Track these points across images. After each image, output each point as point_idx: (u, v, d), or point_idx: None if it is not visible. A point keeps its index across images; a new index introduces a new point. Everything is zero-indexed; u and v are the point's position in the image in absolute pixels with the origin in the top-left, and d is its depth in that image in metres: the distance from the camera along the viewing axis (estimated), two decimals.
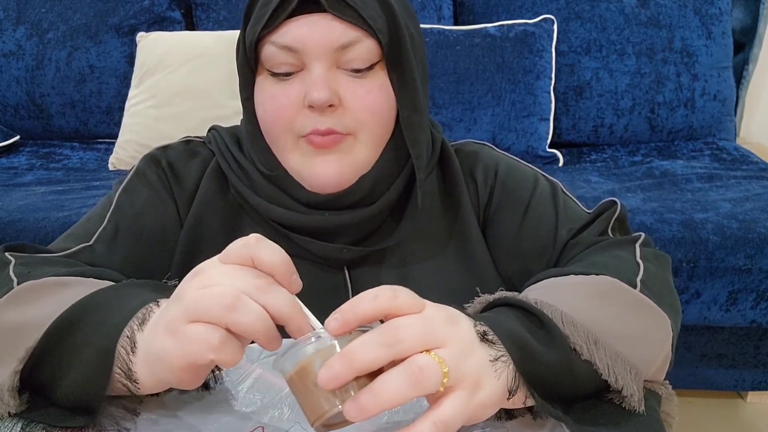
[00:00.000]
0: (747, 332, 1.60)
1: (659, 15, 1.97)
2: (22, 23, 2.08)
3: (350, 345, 0.42)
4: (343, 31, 0.62)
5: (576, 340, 0.49)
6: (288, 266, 0.46)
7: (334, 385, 0.41)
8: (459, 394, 0.43)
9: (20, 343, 0.50)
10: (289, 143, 0.66)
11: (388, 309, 0.43)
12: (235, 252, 0.46)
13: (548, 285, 0.60)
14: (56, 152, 2.06)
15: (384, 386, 0.41)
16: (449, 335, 0.44)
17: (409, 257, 0.73)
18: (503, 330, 0.47)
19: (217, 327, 0.44)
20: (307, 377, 0.43)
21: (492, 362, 0.45)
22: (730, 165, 1.85)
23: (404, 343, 0.42)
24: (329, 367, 0.41)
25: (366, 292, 0.44)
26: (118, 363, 0.48)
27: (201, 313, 0.44)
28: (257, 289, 0.45)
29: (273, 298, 0.45)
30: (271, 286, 0.45)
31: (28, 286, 0.57)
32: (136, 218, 0.71)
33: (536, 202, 0.74)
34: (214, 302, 0.44)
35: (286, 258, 0.46)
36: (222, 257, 0.47)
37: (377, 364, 0.41)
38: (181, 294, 0.46)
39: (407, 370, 0.41)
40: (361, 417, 0.41)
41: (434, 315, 0.44)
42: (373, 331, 0.42)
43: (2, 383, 0.49)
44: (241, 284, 0.44)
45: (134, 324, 0.48)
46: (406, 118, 0.67)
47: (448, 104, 1.91)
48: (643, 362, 0.53)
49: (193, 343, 0.44)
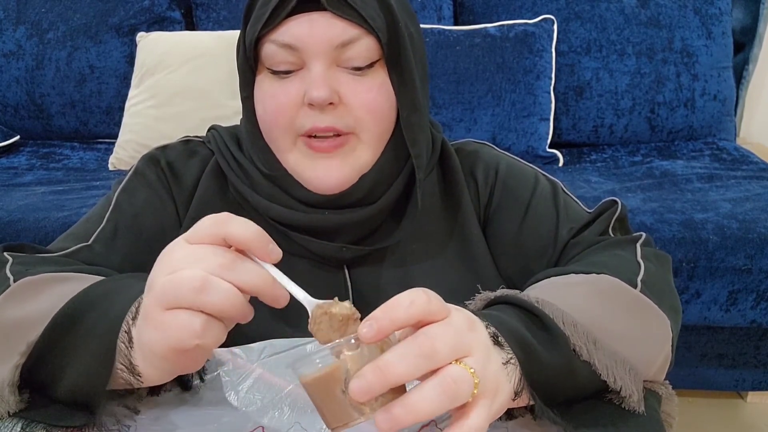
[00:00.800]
0: (747, 332, 1.60)
1: (659, 15, 1.97)
2: (22, 23, 2.08)
3: (385, 357, 0.40)
4: (342, 29, 0.62)
5: (576, 340, 0.49)
6: (262, 237, 0.45)
7: (367, 397, 0.40)
8: (484, 402, 0.43)
9: (20, 339, 0.50)
10: (288, 142, 0.66)
11: (423, 315, 0.42)
12: (205, 230, 0.45)
13: (548, 284, 0.60)
14: (56, 152, 2.06)
15: (419, 400, 0.40)
16: (473, 342, 0.43)
17: (409, 257, 0.73)
18: (508, 331, 0.47)
19: (196, 312, 0.43)
20: (335, 384, 0.42)
21: (504, 365, 0.45)
22: (730, 165, 1.85)
23: (440, 354, 0.41)
24: (362, 378, 0.40)
25: (400, 297, 0.42)
26: (119, 358, 0.48)
27: (173, 299, 0.44)
28: (222, 267, 0.44)
29: (240, 273, 0.44)
30: (236, 261, 0.45)
31: (25, 283, 0.57)
32: (136, 218, 0.71)
33: (537, 202, 0.74)
34: (184, 287, 0.43)
35: (259, 230, 0.45)
36: (189, 237, 0.46)
37: (412, 377, 0.41)
38: (152, 282, 0.46)
39: (442, 383, 0.40)
40: (393, 429, 0.40)
41: (459, 321, 0.43)
42: (407, 343, 0.41)
43: (2, 379, 0.49)
44: (206, 265, 0.44)
45: (129, 317, 0.48)
46: (406, 117, 0.67)
47: (448, 104, 1.91)
48: (643, 362, 0.53)
49: (175, 331, 0.44)
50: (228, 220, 0.45)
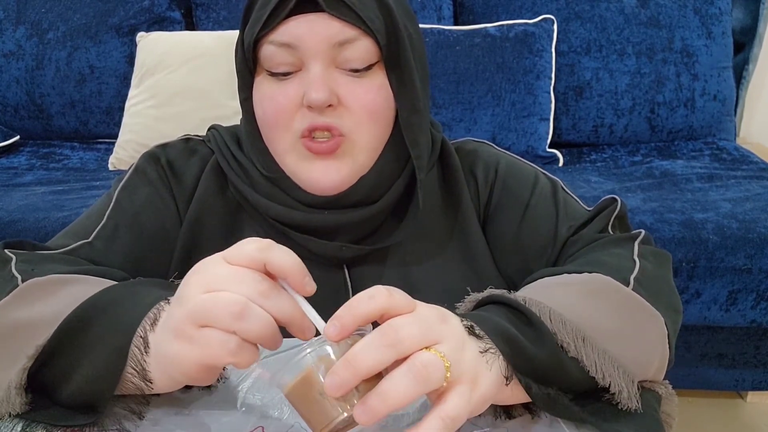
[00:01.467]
0: (747, 332, 1.60)
1: (659, 15, 1.97)
2: (22, 23, 2.08)
3: (352, 350, 0.41)
4: (340, 29, 0.62)
5: (563, 337, 0.49)
6: (301, 269, 0.46)
7: (342, 392, 0.41)
8: (461, 388, 0.43)
9: (29, 341, 0.50)
10: (287, 144, 0.66)
11: (385, 309, 0.43)
12: (247, 253, 0.46)
13: (540, 284, 0.60)
14: (56, 152, 2.06)
15: (391, 387, 0.41)
16: (443, 331, 0.44)
17: (410, 256, 0.73)
18: (489, 325, 0.47)
19: (230, 332, 0.44)
20: (312, 387, 0.43)
21: (482, 354, 0.46)
22: (730, 165, 1.85)
23: (405, 342, 0.42)
24: (334, 374, 0.41)
25: (361, 294, 0.43)
26: (131, 362, 0.48)
27: (210, 320, 0.44)
28: (261, 295, 0.45)
29: (277, 303, 0.45)
30: (273, 290, 0.45)
31: (33, 283, 0.57)
32: (136, 216, 0.71)
33: (536, 200, 0.74)
34: (223, 311, 0.44)
35: (299, 261, 0.46)
36: (230, 256, 0.46)
37: (381, 366, 0.41)
38: (185, 297, 0.46)
39: (412, 369, 0.41)
40: (372, 420, 0.41)
41: (427, 313, 0.45)
42: (372, 334, 0.42)
43: (9, 380, 0.49)
44: (246, 290, 0.44)
45: (146, 323, 0.48)
46: (406, 119, 0.67)
47: (448, 104, 1.91)
48: (635, 360, 0.53)
49: (210, 348, 0.44)
50: (271, 247, 0.46)
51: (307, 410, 0.44)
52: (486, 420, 0.53)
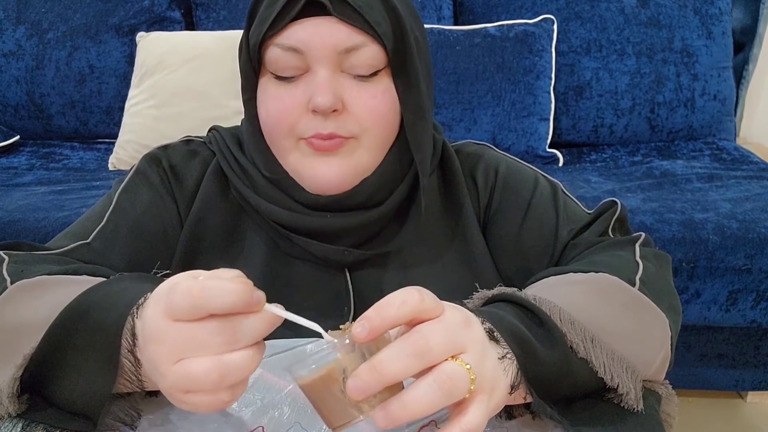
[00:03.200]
0: (747, 332, 1.60)
1: (659, 15, 1.97)
2: (22, 23, 2.08)
3: (379, 356, 0.41)
4: (347, 35, 0.62)
5: (573, 337, 0.49)
6: (243, 296, 0.41)
7: (363, 396, 0.40)
8: (481, 398, 0.43)
9: (17, 347, 0.49)
10: (290, 145, 0.66)
11: (416, 314, 0.42)
12: (185, 309, 0.41)
13: (547, 283, 0.60)
14: (56, 152, 2.06)
15: (415, 397, 0.40)
16: (468, 339, 0.43)
17: (411, 259, 0.73)
18: (505, 327, 0.47)
19: (220, 392, 0.42)
20: (332, 384, 0.42)
21: (500, 360, 0.45)
22: (730, 165, 1.85)
23: (433, 353, 0.41)
24: (358, 378, 0.40)
25: (393, 297, 0.42)
26: (124, 375, 0.47)
27: (195, 389, 0.42)
28: (228, 343, 0.41)
29: (246, 335, 0.42)
30: (236, 328, 0.41)
31: (20, 286, 0.56)
32: (137, 218, 0.71)
33: (537, 203, 0.74)
34: (203, 383, 0.41)
35: (237, 290, 0.40)
36: (171, 314, 0.42)
37: (407, 375, 0.41)
38: (161, 372, 0.43)
39: (437, 381, 0.41)
40: (391, 426, 0.40)
41: (453, 319, 0.44)
42: (401, 342, 0.41)
43: (1, 389, 0.49)
44: (211, 349, 0.41)
45: (127, 336, 0.46)
46: (411, 122, 0.67)
47: (448, 104, 1.91)
48: (640, 360, 0.53)
49: (206, 407, 0.43)
50: (204, 293, 0.41)
51: (323, 405, 0.43)
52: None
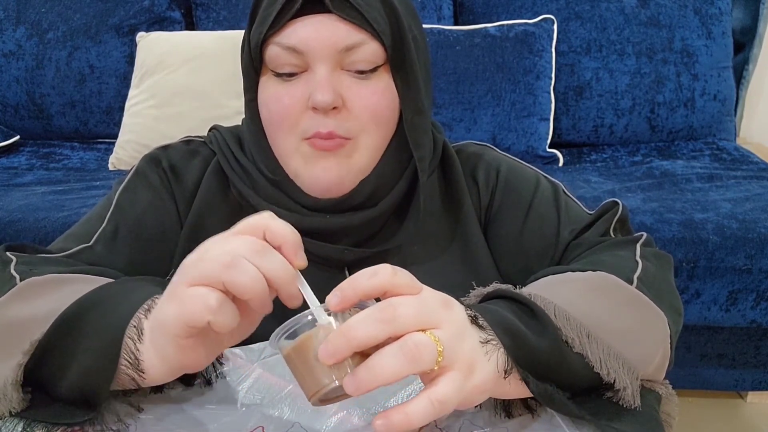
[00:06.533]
0: (747, 332, 1.60)
1: (659, 15, 1.97)
2: (22, 23, 2.08)
3: (348, 321, 0.42)
4: (347, 33, 0.62)
5: (568, 332, 0.49)
6: (296, 241, 0.47)
7: (334, 360, 0.42)
8: (454, 374, 0.44)
9: (25, 337, 0.50)
10: (292, 145, 0.66)
11: (387, 286, 0.44)
12: (247, 224, 0.47)
13: (545, 281, 0.60)
14: (56, 152, 2.06)
15: (380, 362, 0.42)
16: (444, 317, 0.45)
17: (411, 258, 0.73)
18: (493, 317, 0.48)
19: (214, 289, 0.44)
20: (308, 352, 0.44)
21: (482, 344, 0.46)
22: (730, 165, 1.85)
23: (401, 321, 0.42)
24: (329, 342, 0.42)
25: (365, 270, 0.44)
26: (124, 353, 0.48)
27: (198, 274, 0.45)
28: (253, 252, 0.45)
29: (269, 261, 0.45)
30: (267, 249, 0.46)
31: (30, 282, 0.57)
32: (137, 219, 0.71)
33: (538, 204, 0.74)
34: (213, 262, 0.44)
35: (296, 234, 0.47)
36: (231, 231, 0.47)
37: (374, 341, 0.42)
38: (183, 263, 0.47)
39: (403, 348, 0.42)
40: (359, 392, 0.42)
41: (430, 297, 0.45)
42: (370, 308, 0.43)
43: (6, 377, 0.49)
44: (238, 246, 0.45)
45: (141, 313, 0.49)
46: (410, 120, 0.67)
47: (448, 104, 1.91)
48: (638, 358, 0.53)
49: (190, 304, 0.44)
50: (271, 217, 0.47)
51: (301, 374, 0.45)
52: (486, 419, 0.53)
